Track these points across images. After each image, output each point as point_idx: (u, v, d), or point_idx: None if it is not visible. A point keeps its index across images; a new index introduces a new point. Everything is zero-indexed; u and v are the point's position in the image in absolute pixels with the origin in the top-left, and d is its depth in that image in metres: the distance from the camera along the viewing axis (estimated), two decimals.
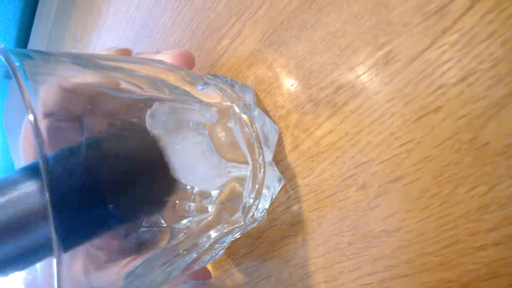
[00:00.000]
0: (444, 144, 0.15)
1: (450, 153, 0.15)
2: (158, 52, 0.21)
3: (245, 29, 0.23)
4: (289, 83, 0.20)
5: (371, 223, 0.18)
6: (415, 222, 0.16)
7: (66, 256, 0.11)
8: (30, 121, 0.11)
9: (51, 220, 0.10)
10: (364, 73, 0.17)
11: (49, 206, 0.10)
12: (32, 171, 0.14)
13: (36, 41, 0.61)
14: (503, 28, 0.13)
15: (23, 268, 0.14)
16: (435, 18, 0.15)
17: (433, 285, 0.16)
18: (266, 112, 0.22)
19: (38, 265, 0.15)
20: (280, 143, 0.21)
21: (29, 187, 0.13)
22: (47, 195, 0.10)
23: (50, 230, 0.10)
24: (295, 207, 0.21)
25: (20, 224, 0.12)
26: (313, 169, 0.20)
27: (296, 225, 0.21)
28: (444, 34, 0.15)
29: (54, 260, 0.11)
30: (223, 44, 0.24)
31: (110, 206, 0.13)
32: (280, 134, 0.21)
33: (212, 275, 0.27)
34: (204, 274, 0.25)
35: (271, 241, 0.23)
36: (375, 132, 0.17)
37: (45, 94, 0.14)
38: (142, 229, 0.15)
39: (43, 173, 0.11)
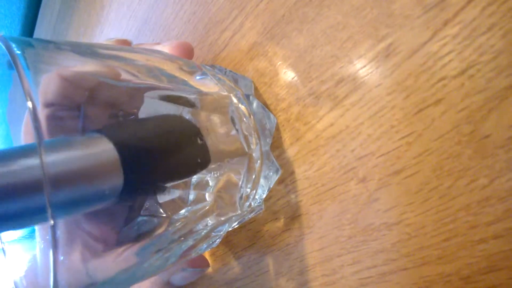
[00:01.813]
0: (444, 137, 0.15)
1: (450, 146, 0.15)
2: (157, 43, 0.22)
3: (246, 22, 0.23)
4: (290, 76, 0.20)
5: (371, 216, 0.18)
6: (415, 215, 0.16)
7: (63, 245, 0.11)
8: (29, 108, 0.11)
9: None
10: (365, 66, 0.17)
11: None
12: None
13: (40, 36, 0.62)
14: (503, 20, 0.13)
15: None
16: (436, 11, 0.15)
17: (433, 278, 0.16)
18: (267, 105, 0.22)
19: (38, 254, 0.15)
20: (280, 136, 0.21)
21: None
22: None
23: None
24: (296, 201, 0.21)
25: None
26: (314, 162, 0.20)
27: (296, 218, 0.21)
28: (445, 27, 0.15)
29: (51, 250, 0.11)
30: (224, 37, 0.24)
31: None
32: (279, 125, 0.21)
33: (213, 268, 0.27)
34: (201, 262, 0.26)
35: (271, 234, 0.23)
36: (376, 125, 0.17)
37: (45, 84, 0.14)
38: (140, 218, 0.15)
39: (40, 161, 0.11)
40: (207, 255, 0.28)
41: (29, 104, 0.11)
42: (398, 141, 0.16)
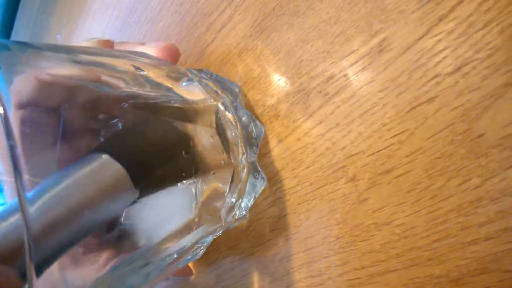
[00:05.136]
0: (437, 135, 0.15)
1: (443, 145, 0.14)
2: (142, 44, 0.20)
3: (235, 15, 0.22)
4: (280, 72, 0.20)
5: (360, 216, 0.17)
6: (405, 215, 0.16)
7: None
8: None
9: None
10: (357, 62, 0.17)
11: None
12: None
13: (21, 27, 0.59)
14: (500, 16, 0.13)
15: None
16: (431, 5, 0.14)
17: (422, 280, 0.15)
18: (255, 102, 0.21)
19: None
20: (268, 134, 0.21)
21: None
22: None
23: None
24: (283, 200, 0.20)
25: None
26: (302, 161, 0.19)
27: (283, 218, 0.21)
28: (440, 22, 0.14)
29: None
30: (213, 30, 0.23)
31: None
32: (266, 131, 0.21)
33: (196, 269, 0.27)
34: (185, 271, 0.25)
35: (257, 234, 0.22)
36: (367, 123, 0.16)
37: (20, 85, 0.13)
38: (121, 226, 0.14)
39: (11, 161, 0.10)
40: None
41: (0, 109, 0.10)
42: (390, 140, 0.16)
